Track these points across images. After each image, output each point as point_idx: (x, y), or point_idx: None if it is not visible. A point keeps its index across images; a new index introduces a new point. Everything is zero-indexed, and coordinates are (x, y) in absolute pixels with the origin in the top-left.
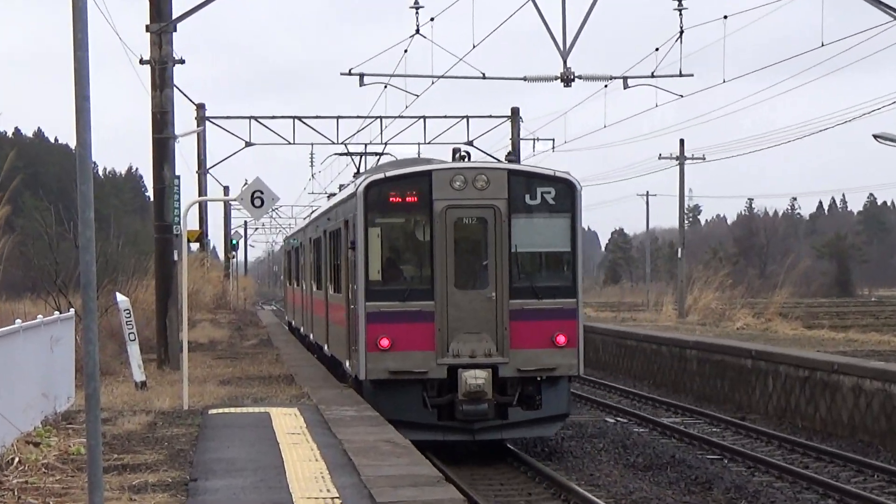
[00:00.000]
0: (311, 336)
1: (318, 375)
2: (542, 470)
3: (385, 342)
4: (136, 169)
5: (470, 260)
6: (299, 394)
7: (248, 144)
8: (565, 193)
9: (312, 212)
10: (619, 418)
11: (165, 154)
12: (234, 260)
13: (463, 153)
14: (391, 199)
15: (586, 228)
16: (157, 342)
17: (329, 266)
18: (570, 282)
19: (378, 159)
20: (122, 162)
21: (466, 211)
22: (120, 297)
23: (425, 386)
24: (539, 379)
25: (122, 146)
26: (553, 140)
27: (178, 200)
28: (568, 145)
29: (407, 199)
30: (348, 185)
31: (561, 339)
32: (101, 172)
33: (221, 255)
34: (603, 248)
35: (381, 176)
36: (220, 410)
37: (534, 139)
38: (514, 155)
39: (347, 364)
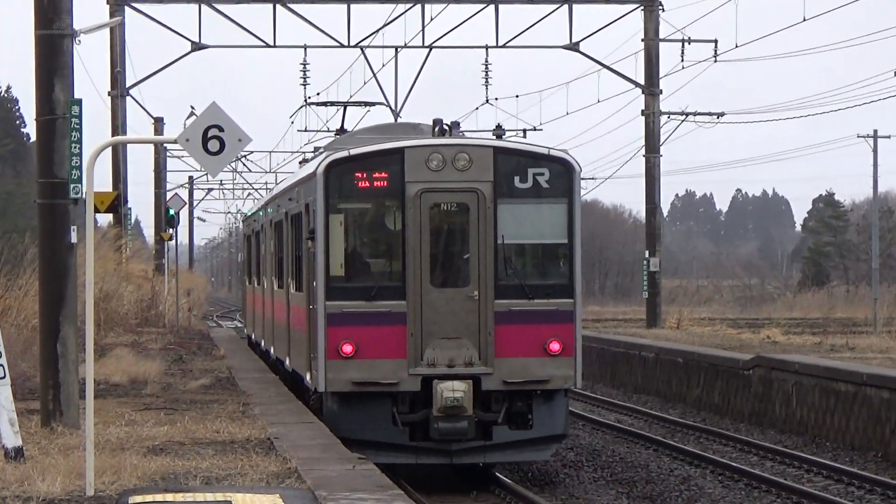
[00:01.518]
0: (272, 350)
1: (316, 438)
2: None
3: (348, 348)
4: (7, 89)
5: (449, 253)
6: (283, 470)
7: (198, 47)
8: (562, 176)
9: (282, 180)
10: None
11: (57, 64)
12: (172, 242)
13: (444, 126)
14: (357, 181)
15: (772, 193)
16: (41, 382)
17: (291, 258)
18: (567, 279)
19: (366, 112)
20: None
21: (445, 195)
22: None
23: (395, 400)
24: (537, 393)
25: None
26: (715, 42)
27: (79, 142)
28: (741, 50)
29: (375, 181)
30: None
31: (555, 346)
32: None
33: (150, 234)
34: (798, 227)
35: (344, 154)
36: (150, 499)
37: (683, 40)
38: (501, 129)
39: (308, 377)
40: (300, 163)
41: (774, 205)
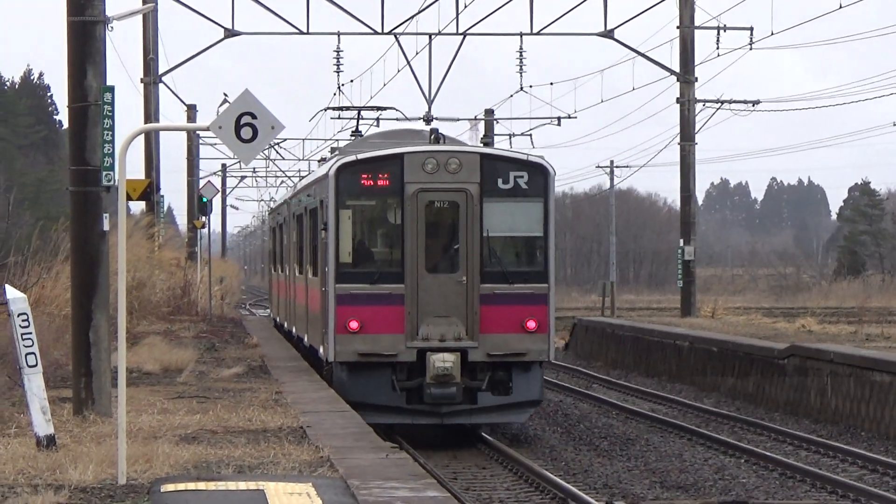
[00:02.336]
0: (294, 330)
1: (349, 426)
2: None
3: (354, 324)
4: (40, 75)
5: (441, 243)
6: (315, 458)
7: (231, 34)
8: (538, 178)
9: (303, 177)
10: None
11: (90, 51)
12: (205, 230)
13: (439, 134)
14: (363, 181)
15: (807, 181)
16: (73, 370)
17: (309, 247)
18: (542, 267)
19: (377, 118)
20: (16, 63)
21: (438, 194)
22: (11, 292)
23: (394, 369)
24: (516, 364)
25: (16, 37)
26: (751, 29)
27: (112, 129)
28: (776, 38)
29: (378, 181)
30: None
31: (531, 324)
32: None
33: (183, 221)
34: (834, 216)
35: (352, 158)
36: (182, 487)
37: (718, 27)
38: (489, 137)
39: (321, 350)
40: (319, 161)
41: (810, 193)
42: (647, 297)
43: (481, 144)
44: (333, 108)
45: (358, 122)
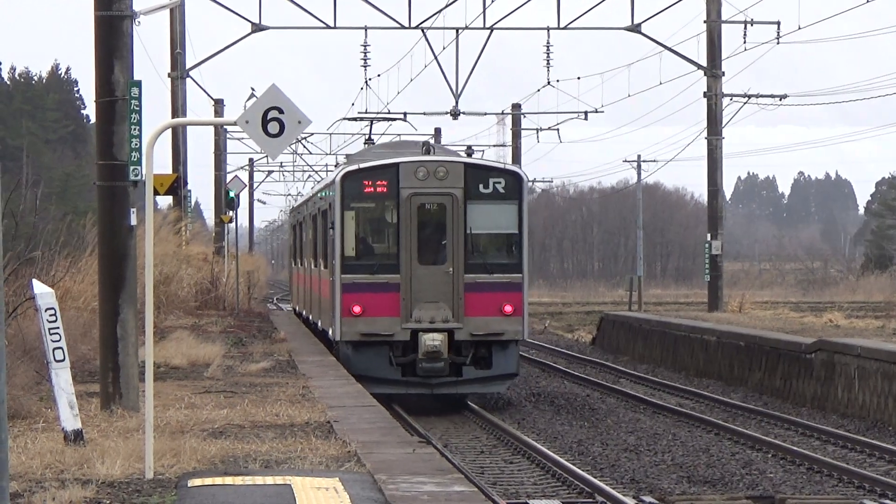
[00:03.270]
0: (310, 316)
1: (376, 421)
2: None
3: (357, 309)
4: (67, 70)
5: (431, 239)
6: (343, 453)
7: (258, 28)
8: (513, 184)
9: (316, 184)
10: None
11: (117, 45)
12: (232, 225)
13: (430, 146)
14: (365, 187)
15: (835, 175)
16: (101, 365)
17: (321, 243)
18: (518, 259)
19: (388, 128)
20: (44, 58)
21: (428, 198)
22: (39, 287)
23: (391, 347)
24: (495, 342)
25: (44, 32)
26: (778, 24)
27: (139, 124)
28: (804, 32)
29: (378, 187)
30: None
31: (508, 308)
32: (4, 74)
33: (210, 216)
34: (862, 210)
35: (356, 167)
36: (209, 482)
37: (745, 21)
38: (471, 149)
39: (330, 331)
40: (335, 165)
41: (837, 187)
42: (674, 291)
43: (465, 155)
44: (349, 119)
45: (371, 130)
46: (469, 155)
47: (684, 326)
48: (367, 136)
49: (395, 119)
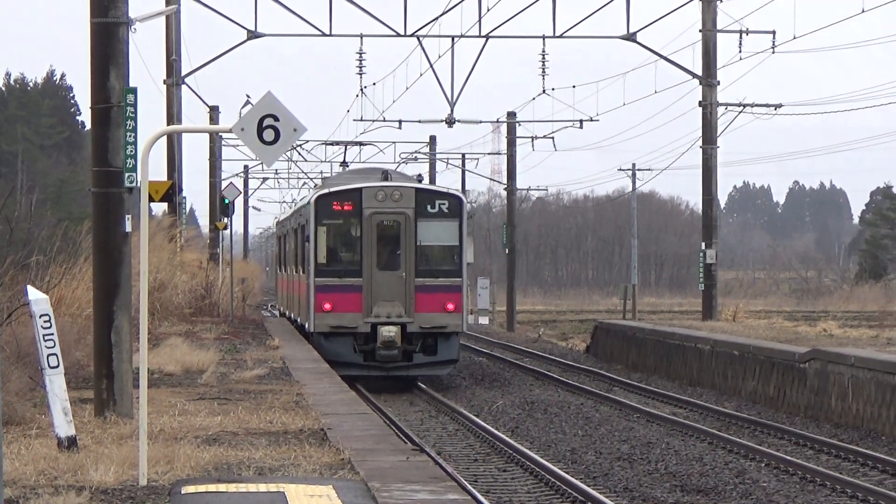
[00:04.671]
0: (291, 314)
1: (369, 429)
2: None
3: (328, 306)
4: (62, 76)
5: (388, 250)
6: (336, 461)
7: (253, 35)
8: (455, 205)
9: (295, 201)
10: None
11: (113, 52)
12: (227, 232)
13: (387, 173)
14: (334, 207)
15: (829, 185)
16: (95, 371)
17: (300, 252)
18: (458, 267)
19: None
20: (40, 64)
21: (386, 216)
22: (33, 293)
23: (355, 337)
24: (440, 334)
25: (39, 38)
26: (773, 33)
27: (134, 130)
28: (799, 42)
29: (345, 207)
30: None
31: (450, 306)
32: None
33: (205, 223)
34: (856, 219)
35: (327, 191)
36: (203, 489)
37: (741, 31)
38: (420, 177)
39: (306, 325)
40: (312, 188)
41: (832, 197)
42: (668, 300)
43: (416, 181)
44: (327, 143)
45: (345, 155)
46: (419, 181)
47: (678, 335)
48: (342, 161)
49: (366, 144)
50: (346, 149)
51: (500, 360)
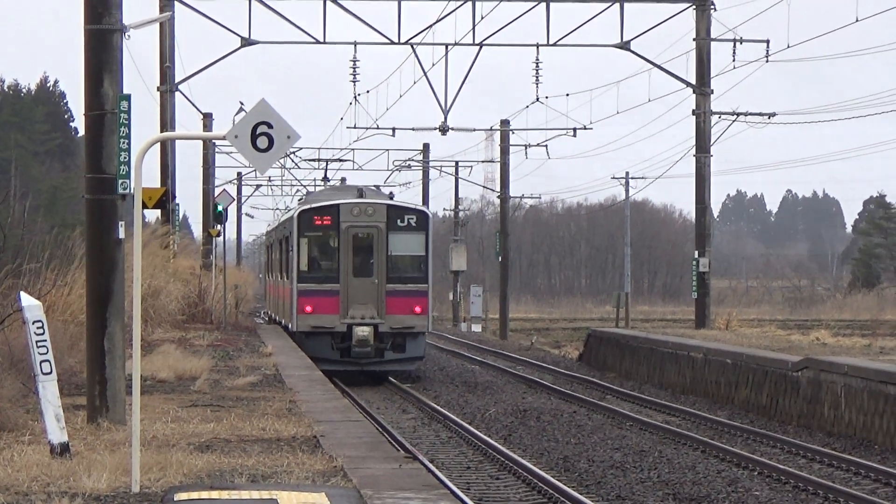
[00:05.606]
0: (277, 316)
1: (363, 436)
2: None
3: (309, 308)
4: (56, 83)
5: (362, 259)
6: (329, 468)
7: (247, 42)
8: (422, 219)
9: (288, 208)
10: None
11: (107, 59)
12: (220, 239)
13: (362, 190)
14: (315, 221)
15: (822, 194)
16: (88, 378)
17: (285, 261)
18: (424, 274)
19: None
20: (33, 71)
21: (361, 229)
22: (26, 299)
23: (332, 336)
24: (408, 333)
25: (33, 45)
26: (767, 42)
27: (128, 137)
28: (793, 51)
29: (324, 220)
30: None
31: (417, 309)
32: None
33: (198, 230)
34: (849, 228)
35: (308, 206)
36: (195, 496)
37: (735, 40)
38: (391, 195)
39: (290, 325)
40: (298, 201)
41: (825, 206)
42: (661, 308)
43: (388, 198)
44: (308, 160)
45: (326, 171)
46: (391, 198)
47: (671, 343)
48: (323, 176)
49: (345, 161)
50: (327, 165)
51: (492, 368)
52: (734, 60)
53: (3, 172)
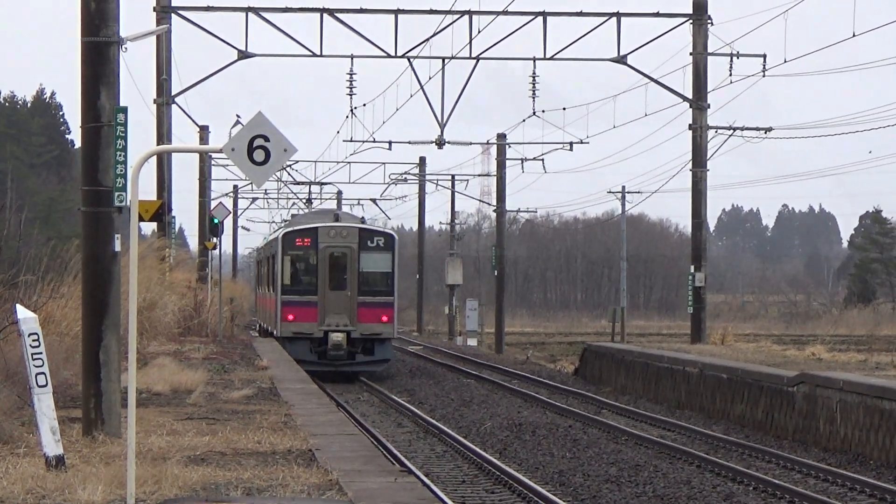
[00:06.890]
0: (264, 324)
1: (358, 450)
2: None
3: (291, 317)
4: (52, 95)
5: (337, 275)
6: (324, 481)
7: (244, 55)
8: (389, 241)
9: (276, 229)
10: None
11: (103, 71)
12: (216, 251)
13: (337, 216)
14: (297, 241)
15: (818, 209)
16: (83, 390)
17: (270, 276)
18: (390, 288)
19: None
20: (30, 82)
21: (337, 248)
22: (22, 312)
23: (311, 341)
24: (376, 339)
25: (30, 56)
26: (764, 57)
27: (125, 149)
28: (790, 65)
29: (305, 241)
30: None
31: (384, 318)
32: None
33: (194, 242)
34: (845, 243)
35: (291, 229)
36: None
37: (731, 54)
38: (364, 219)
39: (275, 331)
40: (283, 223)
41: (821, 221)
42: (657, 322)
43: (360, 222)
44: (293, 183)
45: (310, 194)
46: (363, 222)
47: (667, 358)
48: (306, 199)
49: (327, 184)
50: (310, 188)
51: (488, 382)
52: (731, 75)
53: (0, 184)
